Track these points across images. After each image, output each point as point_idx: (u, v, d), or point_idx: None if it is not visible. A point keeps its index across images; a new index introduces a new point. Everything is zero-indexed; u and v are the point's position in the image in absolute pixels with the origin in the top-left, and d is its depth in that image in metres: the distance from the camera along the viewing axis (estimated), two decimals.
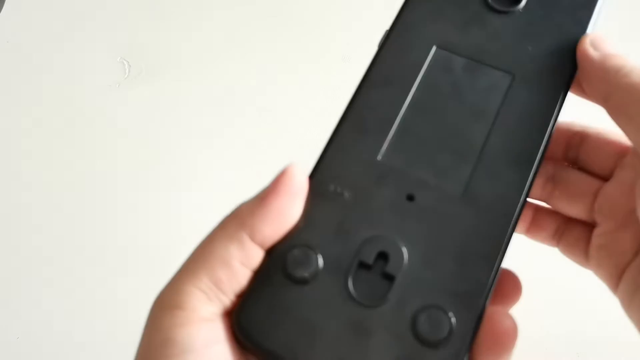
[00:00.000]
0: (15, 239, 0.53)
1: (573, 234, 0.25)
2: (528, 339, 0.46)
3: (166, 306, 0.18)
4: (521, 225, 0.26)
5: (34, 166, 0.58)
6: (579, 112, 0.25)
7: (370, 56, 0.23)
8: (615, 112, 0.21)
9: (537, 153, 0.21)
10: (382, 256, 0.19)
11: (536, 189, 0.26)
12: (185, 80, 0.62)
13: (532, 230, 0.26)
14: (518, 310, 0.51)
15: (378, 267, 0.19)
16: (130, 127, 0.60)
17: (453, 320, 0.18)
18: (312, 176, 0.21)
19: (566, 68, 0.22)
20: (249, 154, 0.57)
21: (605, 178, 0.24)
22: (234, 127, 0.59)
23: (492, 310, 0.19)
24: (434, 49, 0.23)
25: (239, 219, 0.19)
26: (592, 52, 0.22)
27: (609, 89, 0.21)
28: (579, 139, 0.25)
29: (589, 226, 0.25)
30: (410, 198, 0.20)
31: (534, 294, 0.49)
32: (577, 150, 0.25)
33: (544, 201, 0.26)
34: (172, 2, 0.68)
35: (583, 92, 0.23)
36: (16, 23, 0.67)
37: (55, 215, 0.54)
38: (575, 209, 0.25)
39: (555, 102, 0.22)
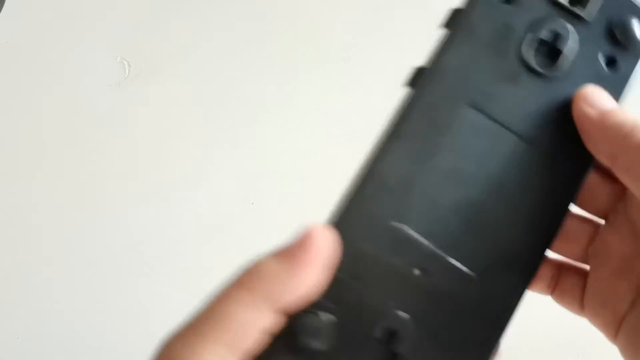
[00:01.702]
0: (15, 238, 0.53)
1: (568, 281, 0.25)
2: (528, 340, 0.46)
3: None
4: None
5: (34, 166, 0.57)
6: None
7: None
8: (624, 173, 0.20)
9: (550, 239, 0.21)
10: (391, 332, 0.20)
11: None
12: (185, 81, 0.62)
13: None
14: (519, 311, 0.50)
15: (386, 343, 0.20)
16: (130, 127, 0.59)
17: None
18: None
19: None
20: (249, 154, 0.57)
21: (603, 218, 0.24)
22: (234, 127, 0.59)
23: None
24: (464, 107, 0.22)
25: (266, 288, 0.18)
26: (589, 111, 0.20)
27: (614, 149, 0.20)
28: None
29: (584, 274, 0.24)
30: (422, 270, 0.20)
31: (535, 294, 0.49)
32: None
33: None
34: (172, 2, 0.68)
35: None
36: (16, 23, 0.67)
37: (55, 215, 0.54)
38: (571, 251, 0.25)
39: (578, 182, 0.21)
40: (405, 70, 0.23)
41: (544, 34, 0.22)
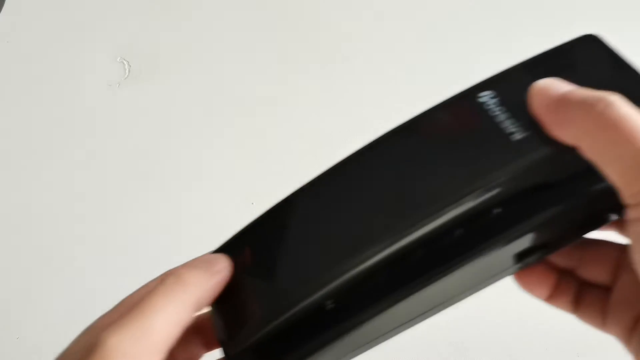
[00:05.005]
0: (14, 238, 0.53)
1: (592, 295, 0.24)
2: (528, 339, 0.46)
3: None
4: (544, 291, 0.25)
5: (34, 166, 0.58)
6: None
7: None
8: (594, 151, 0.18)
9: None
10: None
11: (563, 257, 0.25)
12: (185, 80, 0.62)
13: (554, 296, 0.25)
14: (519, 311, 0.50)
15: None
16: (130, 126, 0.60)
17: None
18: None
19: None
20: (249, 154, 0.57)
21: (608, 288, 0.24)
22: (234, 126, 0.59)
23: None
24: None
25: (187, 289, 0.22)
26: (548, 97, 0.19)
27: (582, 125, 0.18)
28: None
29: (608, 288, 0.24)
30: None
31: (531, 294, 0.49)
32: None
33: (572, 269, 0.25)
34: (172, 2, 0.68)
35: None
36: (16, 23, 0.67)
37: (55, 214, 0.54)
38: (598, 274, 0.24)
39: None
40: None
41: None
